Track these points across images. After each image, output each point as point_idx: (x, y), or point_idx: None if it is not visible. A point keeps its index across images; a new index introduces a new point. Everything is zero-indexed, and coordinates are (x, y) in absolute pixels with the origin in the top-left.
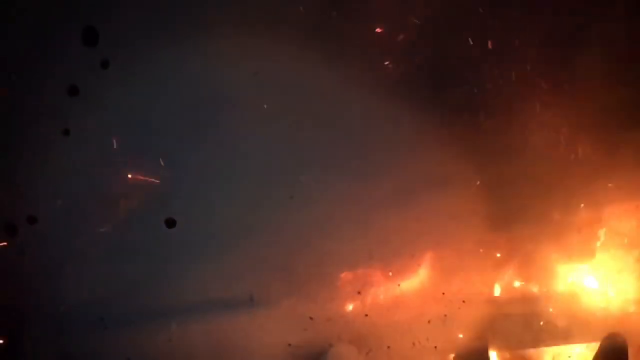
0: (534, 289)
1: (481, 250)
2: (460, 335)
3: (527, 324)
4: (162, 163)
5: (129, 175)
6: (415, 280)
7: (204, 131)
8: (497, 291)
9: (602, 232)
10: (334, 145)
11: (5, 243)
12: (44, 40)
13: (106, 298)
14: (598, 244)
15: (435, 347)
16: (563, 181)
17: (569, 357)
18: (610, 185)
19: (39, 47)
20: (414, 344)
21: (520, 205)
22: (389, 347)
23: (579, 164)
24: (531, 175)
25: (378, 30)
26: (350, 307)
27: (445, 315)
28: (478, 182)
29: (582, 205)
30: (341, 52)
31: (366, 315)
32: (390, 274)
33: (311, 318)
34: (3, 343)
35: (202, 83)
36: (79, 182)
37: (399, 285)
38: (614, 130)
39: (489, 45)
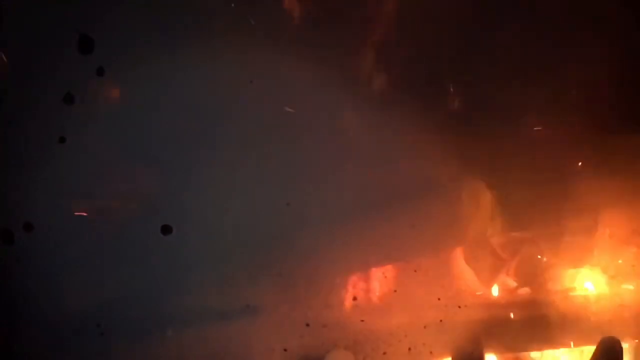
0: (531, 293)
1: (477, 255)
2: (456, 341)
3: (523, 328)
4: (158, 170)
5: (126, 182)
6: (411, 286)
7: (201, 139)
8: (493, 296)
9: (599, 236)
10: (329, 153)
11: None
12: (39, 47)
13: (102, 305)
14: (595, 247)
15: (431, 352)
16: (560, 185)
17: None
18: (609, 188)
19: (34, 54)
20: (409, 349)
21: (516, 210)
22: (385, 352)
23: (578, 167)
24: (528, 181)
25: (372, 36)
26: (346, 313)
27: (441, 321)
28: (474, 188)
29: (579, 209)
30: (335, 59)
31: (362, 321)
32: (386, 279)
33: (307, 324)
34: None
35: (199, 91)
36: (75, 190)
37: (395, 291)
38: (615, 133)
39: (488, 49)
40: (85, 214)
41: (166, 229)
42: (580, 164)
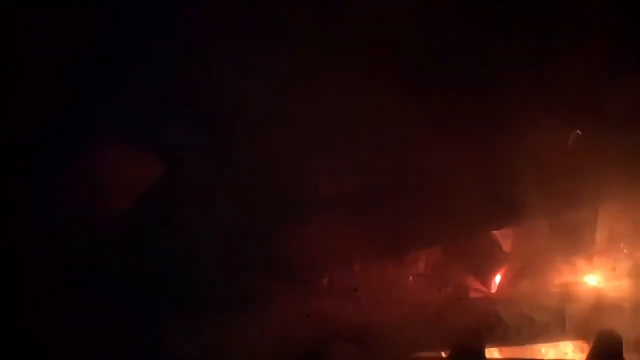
0: (531, 286)
1: (478, 247)
2: (456, 333)
3: (523, 321)
4: (161, 162)
5: (127, 174)
6: (411, 278)
7: (203, 130)
8: (493, 288)
9: (599, 231)
10: (328, 143)
11: None
12: (39, 38)
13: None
14: (595, 242)
15: (432, 344)
16: (562, 180)
17: (565, 353)
18: (608, 183)
19: (35, 46)
20: (410, 341)
21: (517, 204)
22: (385, 344)
23: (579, 162)
24: (530, 174)
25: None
26: (346, 304)
27: (442, 313)
28: (476, 180)
29: (580, 203)
30: (334, 46)
31: (362, 312)
32: (387, 271)
33: (308, 315)
34: None
35: (202, 83)
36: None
37: (395, 282)
38: (613, 128)
39: (491, 40)
40: (84, 206)
41: (166, 221)
42: (583, 158)
